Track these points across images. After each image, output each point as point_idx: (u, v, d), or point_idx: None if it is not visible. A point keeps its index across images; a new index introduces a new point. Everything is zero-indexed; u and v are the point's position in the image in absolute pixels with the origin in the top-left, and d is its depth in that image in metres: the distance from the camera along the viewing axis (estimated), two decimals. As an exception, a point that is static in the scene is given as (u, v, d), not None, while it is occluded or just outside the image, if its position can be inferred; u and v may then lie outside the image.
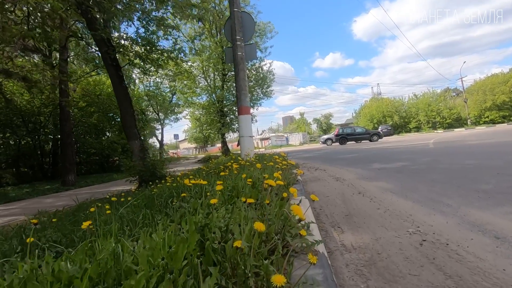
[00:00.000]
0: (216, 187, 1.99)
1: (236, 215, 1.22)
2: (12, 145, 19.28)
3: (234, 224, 1.12)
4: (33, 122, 18.86)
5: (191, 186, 2.64)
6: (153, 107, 29.46)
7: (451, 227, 1.69)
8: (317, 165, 6.83)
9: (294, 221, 1.12)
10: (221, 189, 2.24)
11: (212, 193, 2.16)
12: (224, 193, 2.20)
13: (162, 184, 4.82)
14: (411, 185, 3.04)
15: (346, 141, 21.63)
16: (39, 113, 18.46)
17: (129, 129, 6.66)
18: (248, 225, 1.02)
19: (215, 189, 2.08)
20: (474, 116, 37.91)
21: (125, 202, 3.53)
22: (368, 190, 3.05)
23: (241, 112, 5.81)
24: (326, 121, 59.14)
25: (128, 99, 6.46)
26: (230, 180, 2.77)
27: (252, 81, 18.52)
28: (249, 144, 5.68)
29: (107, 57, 5.91)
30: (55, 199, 7.60)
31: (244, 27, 6.01)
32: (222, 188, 2.29)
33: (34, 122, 18.81)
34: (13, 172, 19.36)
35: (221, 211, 1.42)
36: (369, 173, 4.36)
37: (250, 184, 2.34)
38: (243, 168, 3.58)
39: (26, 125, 18.43)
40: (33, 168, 19.97)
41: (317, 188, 3.50)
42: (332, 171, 5.16)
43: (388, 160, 5.98)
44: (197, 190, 2.65)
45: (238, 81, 5.86)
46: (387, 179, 3.63)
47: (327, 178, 4.29)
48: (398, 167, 4.66)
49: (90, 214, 2.92)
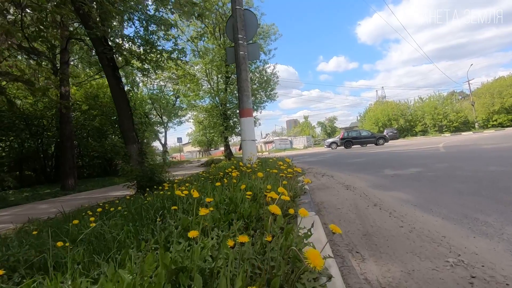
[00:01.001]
0: (207, 199, 1.66)
1: (225, 249, 0.89)
2: (15, 148, 19.26)
3: (222, 267, 0.79)
4: (36, 125, 18.81)
5: (184, 197, 2.32)
6: (157, 110, 29.37)
7: (503, 257, 1.33)
8: (323, 170, 6.47)
9: (306, 264, 0.79)
10: (217, 202, 1.92)
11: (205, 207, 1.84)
12: (219, 208, 1.87)
13: (158, 192, 4.52)
14: (433, 196, 2.68)
15: (351, 144, 21.21)
16: (42, 116, 18.40)
17: (127, 132, 6.38)
18: (240, 274, 0.69)
19: (209, 203, 1.76)
20: (482, 119, 37.16)
21: (116, 211, 3.23)
22: (384, 201, 2.70)
23: (243, 115, 5.50)
24: (330, 124, 58.61)
25: (126, 101, 6.19)
26: (229, 189, 2.44)
27: (255, 83, 18.24)
28: (252, 148, 5.36)
29: (103, 57, 5.65)
30: (50, 204, 7.33)
31: (246, 26, 5.73)
32: (217, 202, 1.96)
33: (37, 125, 18.77)
34: (16, 175, 19.32)
35: (209, 240, 1.09)
36: (382, 180, 3.99)
37: (250, 197, 2.01)
38: (244, 175, 3.25)
39: (29, 128, 18.38)
40: (36, 171, 19.93)
41: (326, 197, 3.15)
42: (340, 177, 4.80)
43: (400, 165, 5.60)
44: (191, 201, 2.33)
45: (240, 81, 5.56)
46: (403, 188, 3.27)
47: (336, 186, 3.94)
48: (413, 173, 4.29)
49: (73, 227, 2.61)
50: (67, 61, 11.77)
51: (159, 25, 6.30)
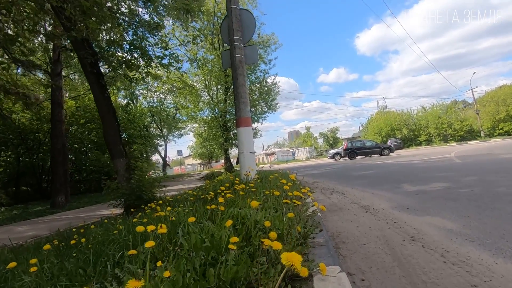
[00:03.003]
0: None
1: None
2: (12, 163, 18.83)
3: None
4: (32, 140, 18.40)
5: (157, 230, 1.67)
6: (157, 123, 28.96)
7: None
8: (331, 185, 5.79)
9: None
10: (191, 246, 1.28)
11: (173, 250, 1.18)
12: (192, 258, 1.22)
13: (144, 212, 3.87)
14: (490, 225, 2.01)
15: (355, 155, 20.50)
16: (38, 130, 17.97)
17: (112, 145, 5.77)
18: None
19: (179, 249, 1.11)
20: (488, 128, 36.40)
21: (76, 244, 2.58)
22: (423, 232, 2.03)
23: (240, 124, 4.89)
24: (332, 135, 57.99)
25: (111, 111, 5.60)
26: (214, 221, 1.80)
27: (256, 94, 17.79)
28: (250, 161, 4.71)
29: (86, 63, 5.11)
30: (30, 226, 6.66)
31: (243, 26, 5.20)
32: (192, 245, 1.31)
33: (33, 139, 18.35)
34: (12, 191, 18.75)
35: None
36: (406, 199, 3.31)
37: (240, 238, 1.36)
38: (238, 197, 2.61)
39: (25, 142, 17.98)
40: (33, 186, 19.37)
41: (342, 225, 2.48)
42: (353, 194, 4.12)
43: (419, 179, 4.92)
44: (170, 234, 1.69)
45: (237, 87, 4.98)
46: (439, 210, 2.60)
47: (351, 207, 3.26)
48: (441, 190, 3.62)
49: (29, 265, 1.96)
50: (59, 72, 11.32)
51: (144, 26, 5.76)
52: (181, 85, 18.90)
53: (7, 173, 18.74)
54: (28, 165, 18.94)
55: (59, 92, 11.48)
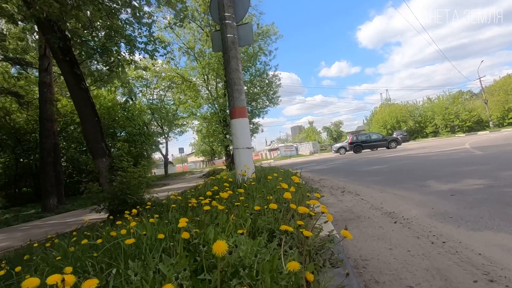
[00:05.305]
0: None
1: None
2: (9, 165, 18.49)
3: None
4: (29, 140, 17.96)
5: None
6: (157, 120, 28.34)
7: None
8: (340, 182, 5.09)
9: None
10: None
11: None
12: None
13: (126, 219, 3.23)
14: None
15: (361, 149, 19.72)
16: (33, 131, 17.49)
17: (92, 143, 5.10)
18: None
19: None
20: (497, 117, 35.29)
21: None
22: (498, 262, 1.34)
23: (234, 115, 4.19)
24: (336, 129, 57.06)
25: (90, 105, 4.92)
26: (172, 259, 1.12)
27: (257, 87, 17.04)
28: (246, 158, 4.03)
29: (56, 50, 4.44)
30: (9, 234, 6.07)
31: (235, 2, 4.48)
32: None
33: (30, 140, 17.91)
34: (12, 193, 18.38)
35: None
36: (443, 202, 2.60)
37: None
38: (227, 208, 1.92)
39: (21, 143, 17.56)
40: (32, 188, 19.03)
41: (365, 244, 1.80)
42: (370, 196, 3.42)
43: (444, 175, 4.19)
44: None
45: (229, 72, 4.27)
46: (499, 221, 1.90)
47: (372, 214, 2.56)
48: (481, 189, 2.90)
49: None
50: (46, 67, 10.66)
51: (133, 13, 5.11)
52: (180, 80, 18.24)
53: (6, 175, 18.41)
54: (26, 167, 18.58)
55: (48, 89, 10.83)
